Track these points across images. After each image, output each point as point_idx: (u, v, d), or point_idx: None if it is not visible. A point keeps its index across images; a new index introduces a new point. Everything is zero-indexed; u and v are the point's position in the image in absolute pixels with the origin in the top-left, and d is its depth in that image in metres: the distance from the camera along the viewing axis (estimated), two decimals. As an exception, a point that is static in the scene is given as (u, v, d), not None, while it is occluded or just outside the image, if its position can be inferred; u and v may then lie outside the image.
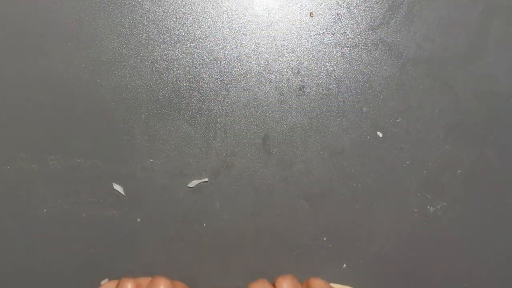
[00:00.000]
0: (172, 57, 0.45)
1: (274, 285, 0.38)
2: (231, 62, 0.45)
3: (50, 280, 0.47)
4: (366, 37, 0.46)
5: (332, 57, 0.46)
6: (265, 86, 0.46)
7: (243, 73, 0.45)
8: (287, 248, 0.46)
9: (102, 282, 0.42)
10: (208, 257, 0.46)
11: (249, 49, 0.45)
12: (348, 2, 0.46)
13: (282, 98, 0.46)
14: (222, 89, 0.45)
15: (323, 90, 0.46)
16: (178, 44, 0.45)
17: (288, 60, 0.46)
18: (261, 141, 0.46)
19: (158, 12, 0.45)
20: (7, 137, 0.45)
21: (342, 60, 0.46)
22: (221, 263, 0.46)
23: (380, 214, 0.46)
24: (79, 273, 0.46)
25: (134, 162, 0.45)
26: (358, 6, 0.46)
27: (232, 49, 0.45)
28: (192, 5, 0.45)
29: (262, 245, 0.46)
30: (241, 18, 0.45)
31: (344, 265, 0.46)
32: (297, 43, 0.46)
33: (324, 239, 0.46)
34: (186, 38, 0.45)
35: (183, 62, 0.45)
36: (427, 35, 0.46)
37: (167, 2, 0.45)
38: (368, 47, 0.46)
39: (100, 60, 0.45)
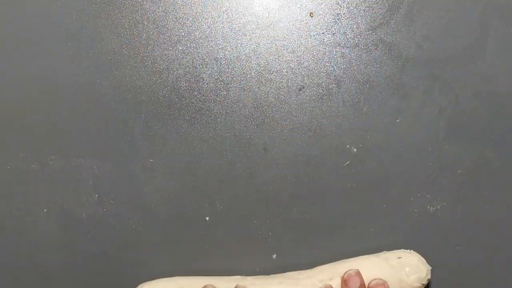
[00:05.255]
0: (172, 57, 0.45)
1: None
2: (231, 62, 0.45)
3: (50, 280, 0.47)
4: (366, 37, 0.46)
5: (332, 57, 0.46)
6: (265, 86, 0.46)
7: (243, 73, 0.45)
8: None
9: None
10: (211, 255, 0.46)
11: (249, 49, 0.45)
12: (348, 2, 0.46)
13: (282, 98, 0.46)
14: (222, 89, 0.45)
15: (323, 90, 0.46)
16: (178, 44, 0.45)
17: (288, 60, 0.46)
18: (261, 141, 0.46)
19: (158, 12, 0.45)
20: (7, 137, 0.45)
21: (342, 60, 0.46)
22: (225, 261, 0.46)
23: (380, 214, 0.46)
24: (79, 272, 0.46)
25: (134, 162, 0.45)
26: (358, 6, 0.46)
27: (232, 49, 0.45)
28: (192, 5, 0.45)
29: (264, 243, 0.46)
30: (241, 18, 0.45)
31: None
32: (297, 43, 0.46)
33: (323, 239, 0.46)
34: (186, 38, 0.45)
35: (183, 62, 0.45)
36: (427, 35, 0.46)
37: (167, 2, 0.45)
38: (368, 47, 0.46)
39: (100, 60, 0.45)
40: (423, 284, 0.42)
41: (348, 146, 0.46)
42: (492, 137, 0.46)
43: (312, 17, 0.46)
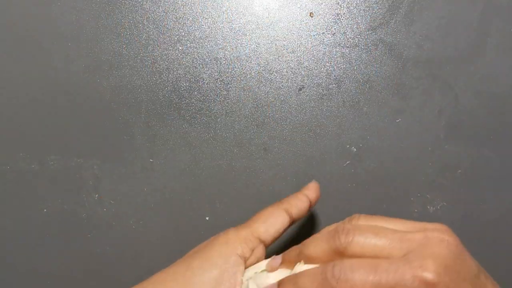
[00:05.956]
0: (172, 57, 0.45)
1: None
2: (231, 62, 0.45)
3: (49, 280, 0.47)
4: (366, 37, 0.46)
5: (332, 57, 0.46)
6: (265, 86, 0.46)
7: (243, 73, 0.45)
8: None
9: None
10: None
11: (249, 49, 0.45)
12: (348, 2, 0.46)
13: (282, 98, 0.46)
14: (222, 89, 0.45)
15: (323, 90, 0.46)
16: (178, 44, 0.45)
17: (288, 60, 0.46)
18: (261, 141, 0.46)
19: (158, 12, 0.45)
20: (7, 137, 0.45)
21: (342, 60, 0.46)
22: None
23: (380, 214, 0.46)
24: (79, 272, 0.46)
25: (134, 162, 0.45)
26: (358, 6, 0.46)
27: (232, 49, 0.45)
28: (192, 5, 0.45)
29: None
30: (241, 18, 0.45)
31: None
32: (297, 43, 0.46)
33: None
34: (186, 38, 0.45)
35: (183, 62, 0.45)
36: (427, 35, 0.46)
37: (167, 2, 0.45)
38: (368, 47, 0.46)
39: (100, 60, 0.45)
40: None
41: (348, 146, 0.46)
42: (492, 137, 0.46)
43: (312, 17, 0.46)
